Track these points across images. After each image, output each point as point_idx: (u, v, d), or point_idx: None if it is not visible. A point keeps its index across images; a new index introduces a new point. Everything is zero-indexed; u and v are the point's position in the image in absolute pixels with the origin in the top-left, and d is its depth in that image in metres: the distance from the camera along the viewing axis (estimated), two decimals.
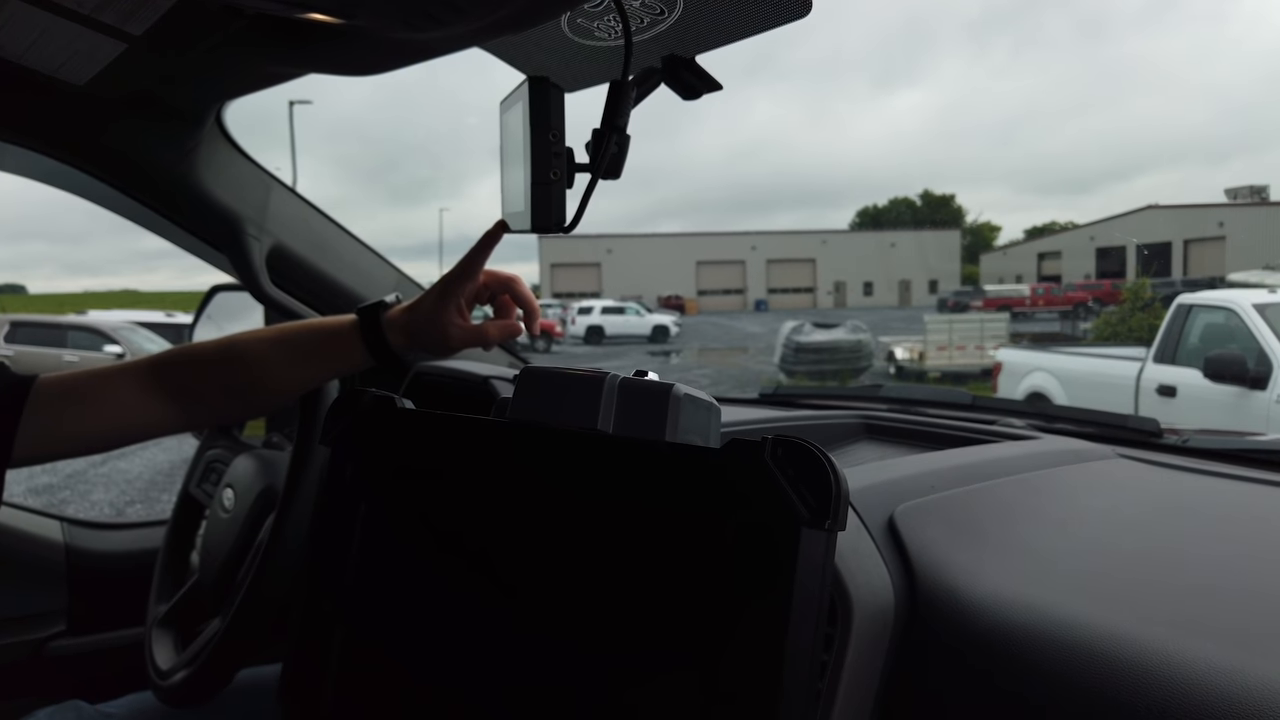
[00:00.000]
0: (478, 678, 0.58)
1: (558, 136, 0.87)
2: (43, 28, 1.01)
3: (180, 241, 1.58)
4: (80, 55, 1.09)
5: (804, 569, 0.48)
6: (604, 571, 0.54)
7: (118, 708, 1.26)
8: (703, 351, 26.94)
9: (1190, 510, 0.99)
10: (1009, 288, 46.86)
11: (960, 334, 17.61)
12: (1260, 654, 0.65)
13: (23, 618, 1.57)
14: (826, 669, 0.76)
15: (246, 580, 1.13)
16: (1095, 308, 30.43)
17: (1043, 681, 0.69)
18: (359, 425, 0.67)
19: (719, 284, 61.61)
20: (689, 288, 59.78)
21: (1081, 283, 45.60)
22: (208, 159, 1.40)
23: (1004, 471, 1.00)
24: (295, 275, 1.53)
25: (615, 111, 0.90)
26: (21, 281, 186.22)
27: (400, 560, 0.64)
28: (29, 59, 1.12)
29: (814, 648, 0.48)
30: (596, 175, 0.89)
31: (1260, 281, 10.27)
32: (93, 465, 9.59)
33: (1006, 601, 0.75)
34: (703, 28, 0.93)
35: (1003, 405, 1.51)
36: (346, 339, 1.01)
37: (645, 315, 34.50)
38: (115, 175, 1.40)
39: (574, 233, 0.90)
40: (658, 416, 0.56)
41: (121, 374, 1.01)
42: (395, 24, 0.86)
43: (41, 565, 1.61)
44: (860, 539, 0.82)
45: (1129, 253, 48.90)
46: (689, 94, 0.98)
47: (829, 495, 0.48)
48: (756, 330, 34.85)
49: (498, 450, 0.60)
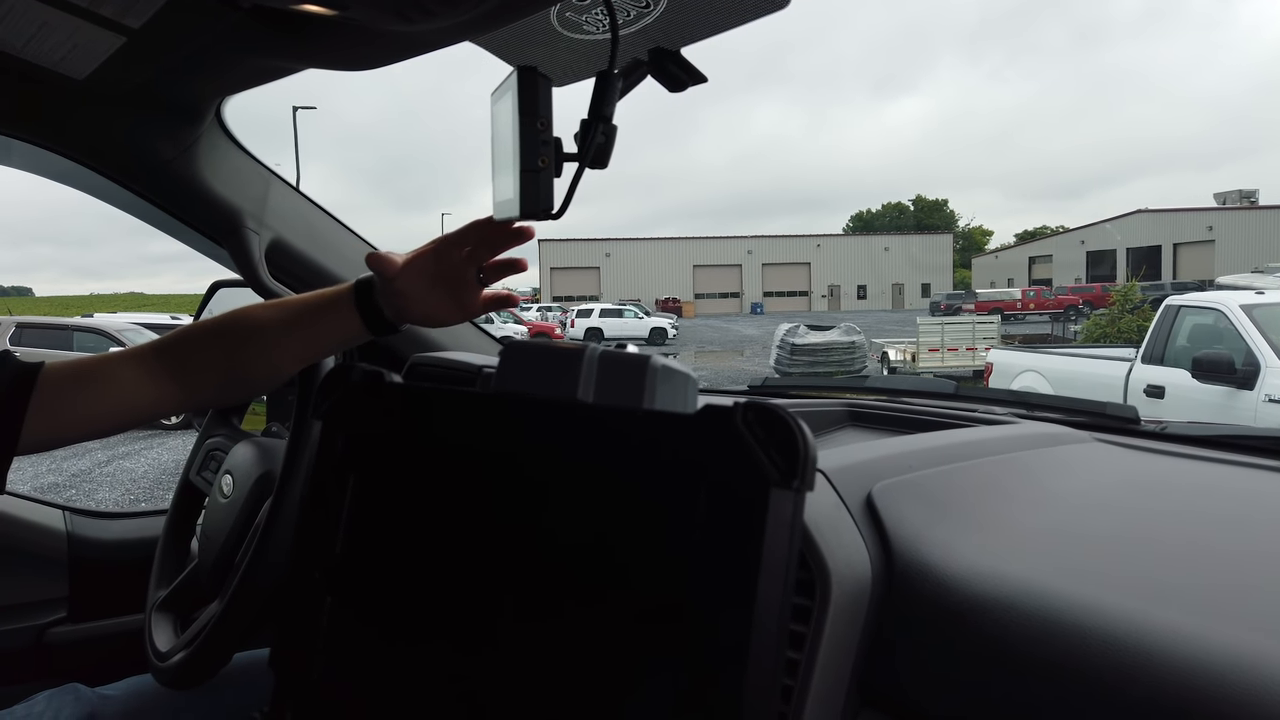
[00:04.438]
0: (463, 642, 0.61)
1: (545, 125, 0.89)
2: (42, 20, 1.03)
3: (181, 235, 1.60)
4: (80, 49, 1.12)
5: (773, 527, 0.50)
6: (584, 535, 0.57)
7: (116, 690, 1.28)
8: (700, 353, 27.00)
9: (1163, 489, 1.01)
10: (1000, 291, 47.00)
11: (952, 336, 17.70)
12: (1224, 621, 0.67)
13: (25, 605, 1.59)
14: (805, 640, 0.78)
15: (243, 564, 1.15)
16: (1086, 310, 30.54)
17: (1014, 650, 0.71)
18: (349, 400, 0.69)
19: (716, 287, 61.70)
20: (686, 291, 59.85)
21: (1072, 286, 45.74)
22: (208, 154, 1.43)
23: (982, 453, 1.03)
24: (294, 268, 1.55)
25: (602, 102, 0.93)
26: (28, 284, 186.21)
27: (388, 530, 0.66)
28: (29, 52, 1.14)
29: (783, 604, 0.50)
30: (583, 164, 0.92)
31: (1248, 284, 10.32)
32: (98, 465, 9.61)
33: (980, 574, 0.78)
34: (687, 20, 0.95)
35: (985, 394, 1.54)
36: (343, 306, 1.02)
37: (643, 318, 34.71)
38: (116, 170, 1.42)
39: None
40: (636, 386, 0.59)
41: (125, 357, 1.03)
42: (388, 16, 0.88)
43: (44, 553, 1.63)
44: (839, 516, 0.85)
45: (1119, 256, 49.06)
46: (674, 86, 1.01)
47: (797, 457, 0.51)
48: (752, 333, 34.94)
49: (482, 421, 0.63)
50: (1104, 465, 1.09)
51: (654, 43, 1.00)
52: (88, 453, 10.31)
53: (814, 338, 17.44)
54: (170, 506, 1.53)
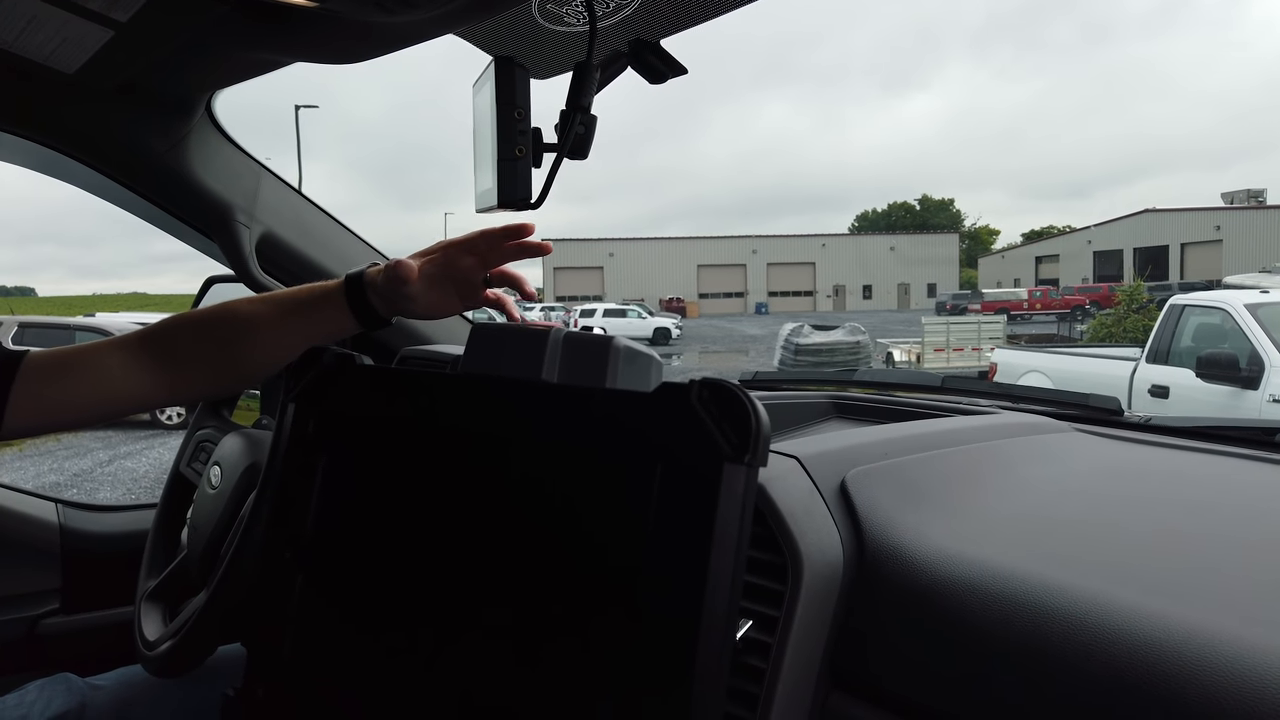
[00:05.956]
0: (430, 617, 0.62)
1: (523, 115, 0.90)
2: (31, 14, 1.05)
3: (172, 229, 1.61)
4: (69, 43, 1.13)
5: (725, 501, 0.51)
6: (547, 510, 0.58)
7: (106, 680, 1.29)
8: (704, 353, 27.00)
9: (1136, 475, 1.02)
10: (1006, 291, 46.90)
11: (957, 336, 17.70)
12: (1183, 600, 0.68)
13: (18, 596, 1.61)
14: (777, 624, 0.79)
15: (229, 553, 1.16)
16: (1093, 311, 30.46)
17: (979, 630, 0.72)
18: (320, 381, 0.70)
19: (720, 287, 61.68)
20: (690, 291, 59.86)
21: (1079, 286, 45.63)
22: (199, 148, 1.44)
23: (958, 441, 1.03)
24: (284, 261, 1.57)
25: (580, 92, 0.94)
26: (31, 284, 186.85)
27: (358, 509, 0.67)
28: (19, 46, 1.16)
29: (734, 576, 0.52)
30: (561, 154, 0.93)
31: (1256, 284, 10.30)
32: (99, 465, 9.65)
33: (947, 557, 0.78)
34: (666, 11, 0.96)
35: (971, 386, 1.55)
36: (333, 299, 1.03)
37: (647, 318, 34.74)
38: (108, 163, 1.44)
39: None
40: (599, 367, 0.60)
41: (113, 346, 1.03)
42: (368, 7, 0.90)
43: (36, 545, 1.64)
44: (813, 501, 0.85)
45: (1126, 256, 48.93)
46: (654, 77, 1.02)
47: (749, 433, 0.52)
48: (757, 332, 34.94)
49: (450, 402, 0.64)
50: (1080, 453, 1.10)
51: (634, 34, 1.01)
52: (89, 452, 10.36)
53: (818, 338, 17.41)
54: (161, 498, 1.54)
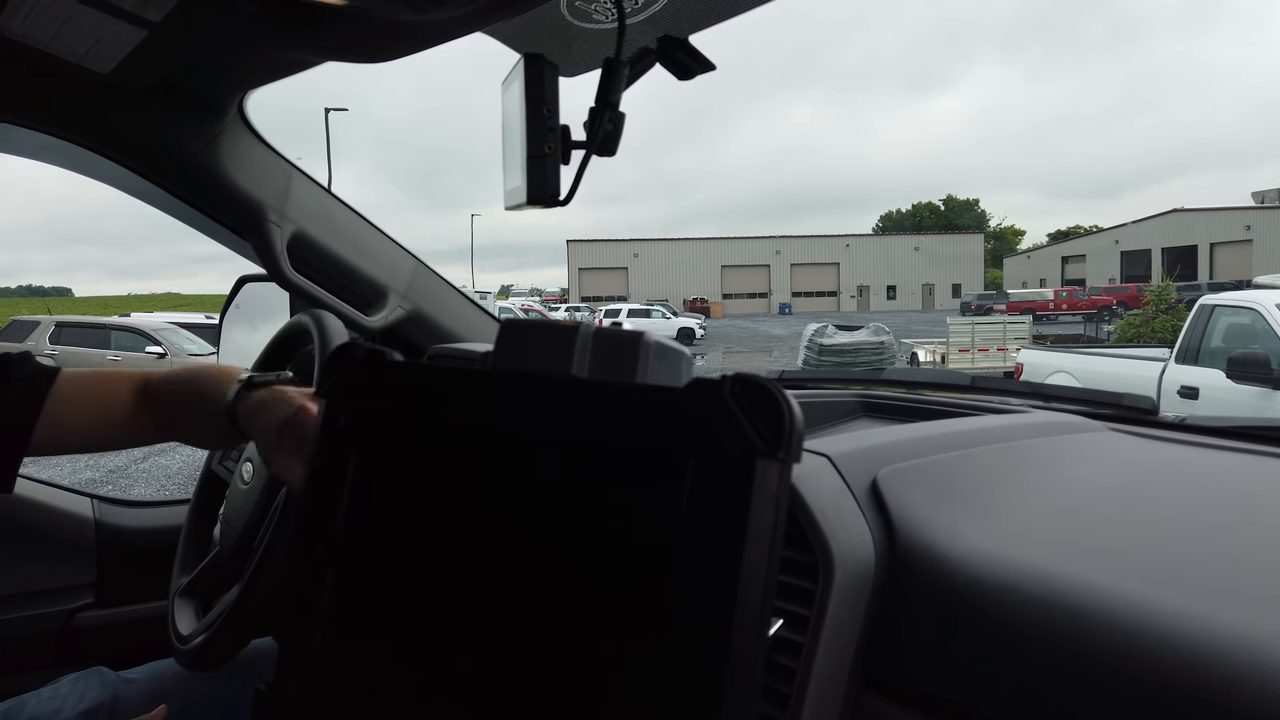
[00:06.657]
0: (458, 611, 0.62)
1: (552, 112, 0.90)
2: (66, 15, 1.06)
3: (204, 228, 1.63)
4: (103, 43, 1.14)
5: (759, 498, 0.51)
6: (577, 505, 0.58)
7: (139, 674, 1.30)
8: (727, 353, 26.95)
9: (1173, 475, 1.00)
10: (1032, 291, 46.47)
11: (983, 337, 17.57)
12: (1226, 602, 0.67)
13: (54, 590, 1.63)
14: (808, 623, 0.78)
15: (260, 549, 1.17)
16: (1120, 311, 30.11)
17: (1014, 631, 0.72)
18: (352, 377, 0.70)
19: (744, 287, 61.53)
20: (714, 291, 59.77)
21: (1106, 286, 45.13)
22: (231, 148, 1.46)
23: (990, 440, 1.02)
24: (315, 260, 1.58)
25: (609, 89, 0.94)
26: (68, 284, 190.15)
27: (389, 505, 0.67)
28: (55, 47, 1.17)
29: (768, 574, 0.51)
30: (590, 151, 0.93)
31: None
32: (134, 461, 9.81)
33: (982, 557, 0.78)
34: (694, 7, 0.96)
35: (1001, 385, 1.53)
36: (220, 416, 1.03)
37: (671, 318, 34.80)
38: (142, 163, 1.46)
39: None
40: (629, 362, 0.60)
41: (130, 383, 1.08)
42: (399, 5, 0.90)
43: (72, 540, 1.67)
44: (844, 500, 0.85)
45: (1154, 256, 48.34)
46: (683, 73, 1.01)
47: (782, 428, 0.51)
48: (780, 333, 34.84)
49: (479, 398, 0.64)
50: (1115, 453, 1.08)
51: (663, 30, 1.01)
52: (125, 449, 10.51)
53: (842, 338, 17.32)
54: (193, 495, 1.55)
